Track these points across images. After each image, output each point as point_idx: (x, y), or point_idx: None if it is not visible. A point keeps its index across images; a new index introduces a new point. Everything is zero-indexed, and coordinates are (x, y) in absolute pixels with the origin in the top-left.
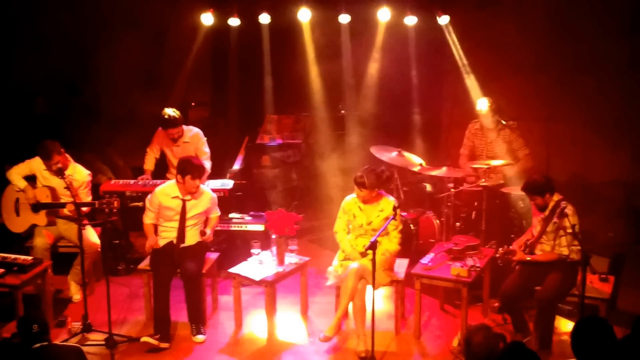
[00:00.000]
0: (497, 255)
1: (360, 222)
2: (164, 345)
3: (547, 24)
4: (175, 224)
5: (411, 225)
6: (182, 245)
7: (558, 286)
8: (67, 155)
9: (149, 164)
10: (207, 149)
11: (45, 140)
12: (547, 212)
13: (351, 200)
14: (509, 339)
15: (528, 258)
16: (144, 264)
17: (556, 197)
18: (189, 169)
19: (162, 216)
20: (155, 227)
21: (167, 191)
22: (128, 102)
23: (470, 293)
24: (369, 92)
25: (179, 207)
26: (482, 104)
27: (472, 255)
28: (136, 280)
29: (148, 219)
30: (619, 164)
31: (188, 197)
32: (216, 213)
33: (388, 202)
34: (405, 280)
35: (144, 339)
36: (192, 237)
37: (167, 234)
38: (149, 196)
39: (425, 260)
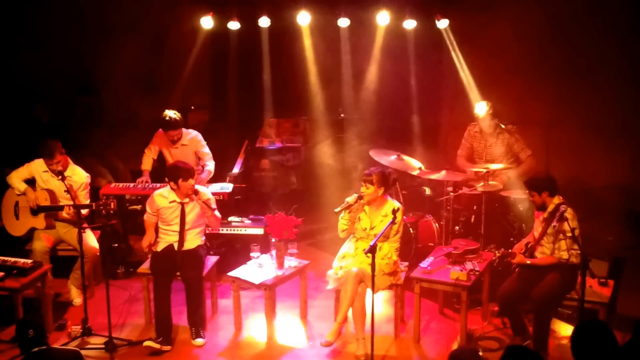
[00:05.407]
0: (494, 257)
1: (364, 225)
2: (166, 348)
3: (546, 28)
4: (176, 228)
5: (410, 229)
6: (182, 249)
7: (554, 286)
8: (67, 156)
9: (147, 164)
10: (207, 150)
11: (48, 139)
12: (546, 214)
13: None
14: (509, 342)
15: (528, 262)
16: (144, 268)
17: (557, 200)
18: (178, 172)
19: (162, 220)
20: (156, 226)
21: (164, 195)
22: (128, 105)
23: (470, 297)
24: (368, 95)
25: (177, 210)
26: (481, 108)
27: (472, 259)
28: (136, 284)
29: (147, 217)
30: (618, 168)
31: (186, 200)
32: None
33: (392, 207)
34: (404, 283)
35: (147, 343)
36: (191, 241)
37: (168, 237)
38: (148, 199)
39: (424, 264)
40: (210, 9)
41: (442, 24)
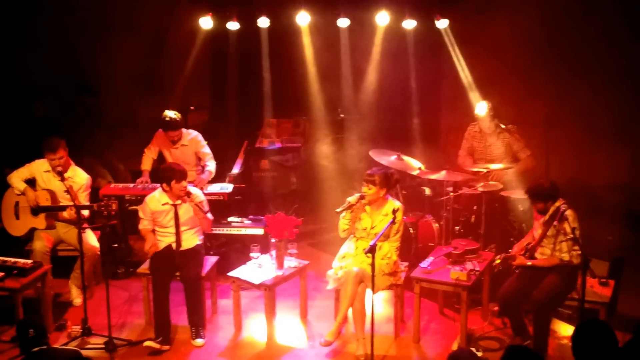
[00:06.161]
0: (495, 264)
1: (365, 225)
2: (165, 347)
3: (545, 29)
4: (172, 229)
5: (410, 229)
6: (180, 249)
7: (554, 288)
8: (69, 158)
9: (146, 164)
10: (208, 150)
11: (52, 135)
12: (547, 217)
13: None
14: (509, 342)
15: (529, 263)
16: (144, 268)
17: (558, 202)
18: (171, 174)
19: (157, 223)
20: (153, 231)
21: (156, 198)
22: (128, 105)
23: (470, 297)
24: (368, 95)
25: (171, 213)
26: (481, 108)
27: (472, 259)
28: (136, 284)
29: (142, 225)
30: (617, 167)
31: (179, 201)
32: None
33: (392, 206)
34: (404, 283)
35: (147, 343)
36: (189, 240)
37: (165, 239)
38: (141, 206)
39: (424, 264)
40: (209, 9)
41: (442, 24)
